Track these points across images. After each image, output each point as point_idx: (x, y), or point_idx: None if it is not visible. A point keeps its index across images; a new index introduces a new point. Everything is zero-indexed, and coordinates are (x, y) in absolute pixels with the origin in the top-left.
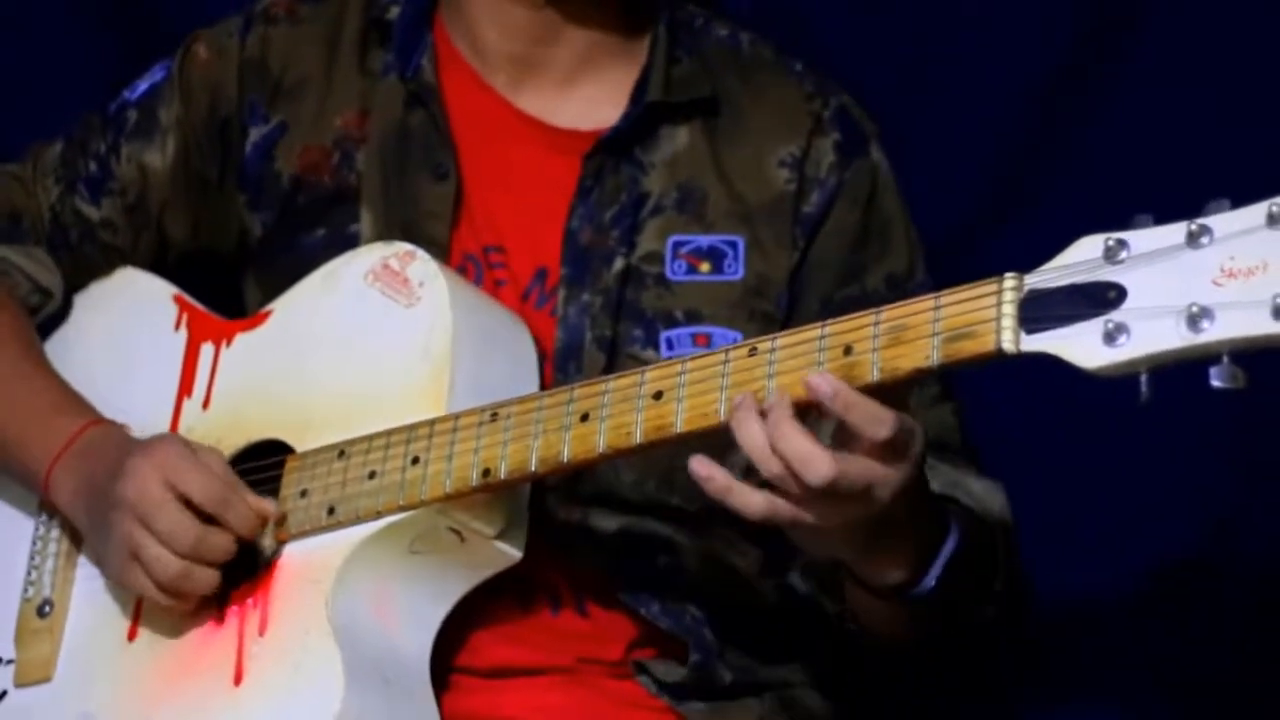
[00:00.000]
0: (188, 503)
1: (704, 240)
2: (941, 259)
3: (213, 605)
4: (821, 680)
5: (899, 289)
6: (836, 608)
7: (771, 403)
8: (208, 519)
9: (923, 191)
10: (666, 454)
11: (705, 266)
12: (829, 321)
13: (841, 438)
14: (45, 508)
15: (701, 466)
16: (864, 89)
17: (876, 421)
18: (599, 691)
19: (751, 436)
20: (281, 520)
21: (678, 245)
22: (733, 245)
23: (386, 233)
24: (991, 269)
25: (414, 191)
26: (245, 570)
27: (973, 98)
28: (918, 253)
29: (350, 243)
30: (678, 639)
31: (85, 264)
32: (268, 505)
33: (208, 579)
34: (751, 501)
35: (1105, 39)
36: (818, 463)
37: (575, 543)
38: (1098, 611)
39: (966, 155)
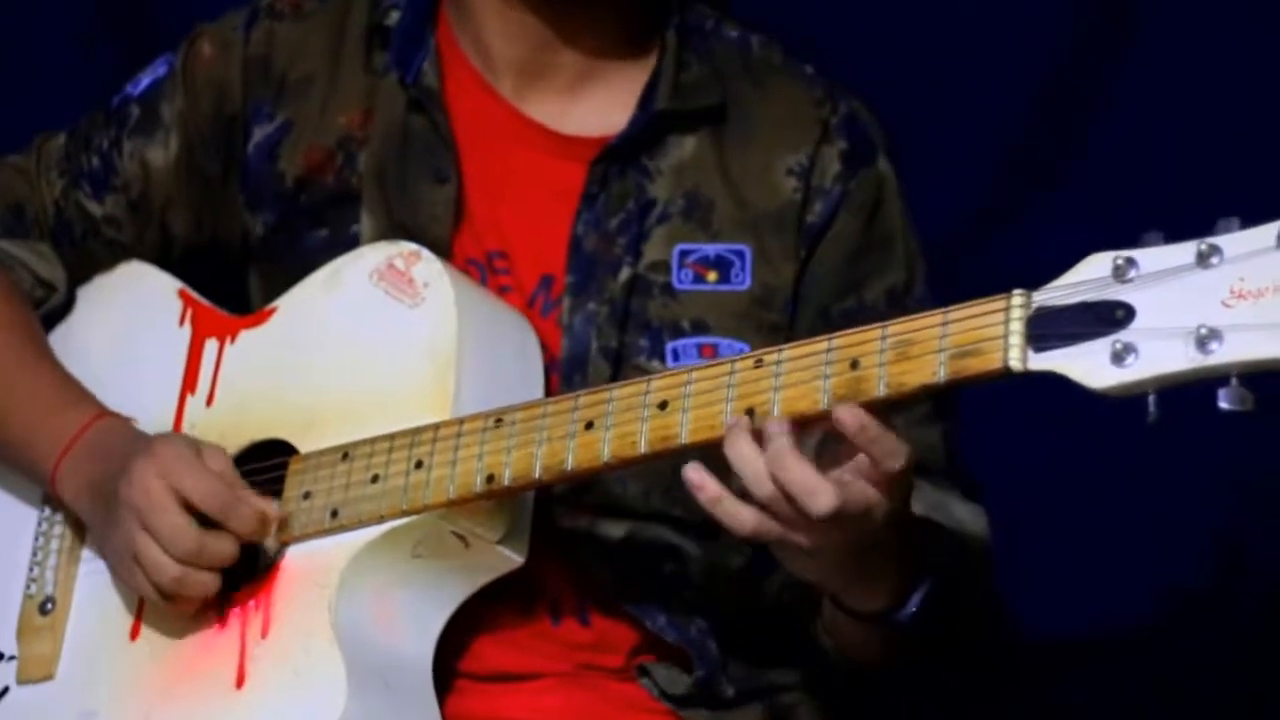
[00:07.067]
0: (190, 506)
1: (711, 249)
2: (945, 262)
3: (215, 606)
4: (823, 687)
5: (898, 303)
6: (811, 625)
7: (771, 431)
8: (209, 521)
9: (925, 194)
10: (671, 464)
11: (712, 276)
12: (835, 335)
13: (827, 451)
14: (49, 502)
15: (695, 474)
16: (866, 92)
17: (893, 455)
18: (600, 694)
19: (745, 459)
20: (284, 523)
21: (684, 254)
22: (740, 255)
23: (387, 235)
24: (995, 271)
25: (414, 195)
26: (248, 571)
27: (976, 100)
28: (919, 266)
29: (351, 244)
30: (681, 650)
31: (90, 259)
32: (270, 507)
33: (207, 583)
34: (740, 516)
35: (1109, 41)
36: (822, 495)
37: (580, 551)
38: (1099, 629)
39: (970, 157)
